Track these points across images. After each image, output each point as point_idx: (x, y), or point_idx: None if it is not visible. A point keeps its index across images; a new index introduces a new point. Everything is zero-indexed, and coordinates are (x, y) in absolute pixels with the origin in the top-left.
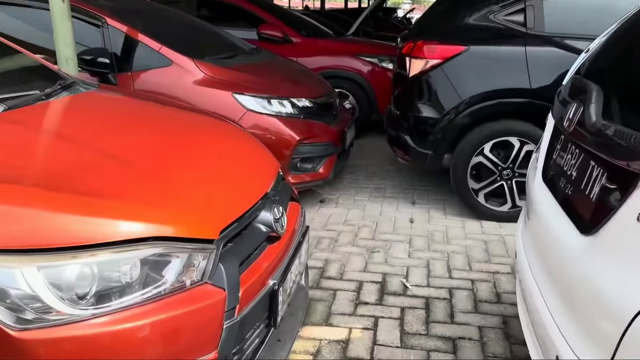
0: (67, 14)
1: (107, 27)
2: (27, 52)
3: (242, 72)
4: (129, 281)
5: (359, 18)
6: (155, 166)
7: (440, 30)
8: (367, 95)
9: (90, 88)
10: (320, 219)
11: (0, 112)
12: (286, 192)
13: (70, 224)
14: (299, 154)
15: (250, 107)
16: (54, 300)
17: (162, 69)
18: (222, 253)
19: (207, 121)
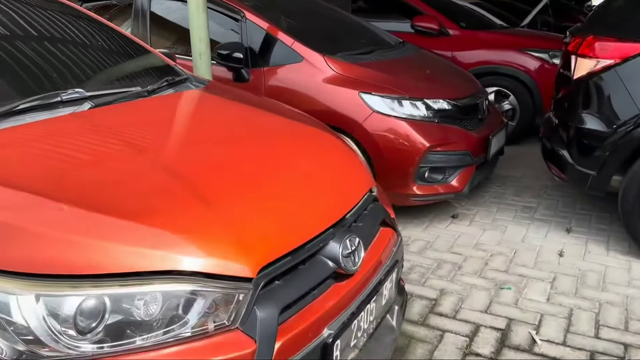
0: (203, 8)
1: (245, 22)
2: (147, 46)
3: (375, 70)
4: (144, 319)
5: (536, 7)
6: (210, 183)
7: (618, 24)
8: (531, 96)
9: (199, 85)
10: (447, 238)
11: (86, 109)
12: (375, 217)
13: (79, 248)
14: (428, 162)
15: (377, 108)
16: (48, 334)
17: (293, 65)
18: (261, 294)
19: (300, 130)
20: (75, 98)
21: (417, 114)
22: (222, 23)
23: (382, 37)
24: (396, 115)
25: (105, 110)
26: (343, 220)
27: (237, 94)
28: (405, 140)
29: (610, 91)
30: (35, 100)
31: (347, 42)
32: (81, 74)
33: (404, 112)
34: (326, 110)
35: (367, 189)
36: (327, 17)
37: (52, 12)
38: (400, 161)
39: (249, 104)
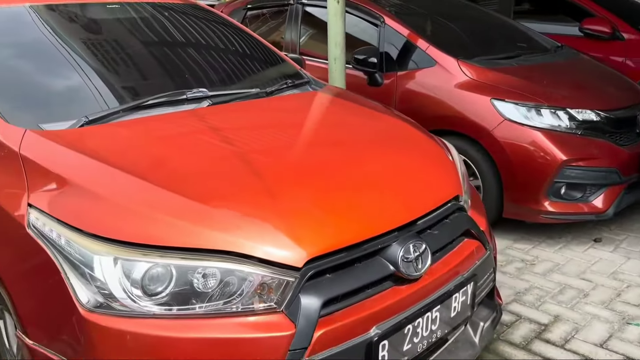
0: (341, 15)
1: (384, 27)
2: (276, 51)
3: (513, 75)
4: (203, 291)
5: None
6: (282, 178)
7: None
8: None
9: (316, 88)
10: (580, 263)
11: (204, 107)
12: (456, 227)
13: (156, 222)
14: (564, 177)
15: (509, 116)
16: (121, 291)
17: (426, 70)
18: (308, 284)
19: (395, 132)
20: (198, 97)
21: (557, 124)
22: (361, 28)
23: (536, 40)
24: (530, 125)
25: (219, 108)
26: (412, 225)
27: (347, 96)
28: (538, 151)
29: None
30: (162, 97)
31: (490, 45)
32: (209, 75)
33: (541, 122)
34: (455, 116)
35: (450, 196)
36: (474, 20)
37: (191, 18)
38: (531, 174)
39: (356, 106)
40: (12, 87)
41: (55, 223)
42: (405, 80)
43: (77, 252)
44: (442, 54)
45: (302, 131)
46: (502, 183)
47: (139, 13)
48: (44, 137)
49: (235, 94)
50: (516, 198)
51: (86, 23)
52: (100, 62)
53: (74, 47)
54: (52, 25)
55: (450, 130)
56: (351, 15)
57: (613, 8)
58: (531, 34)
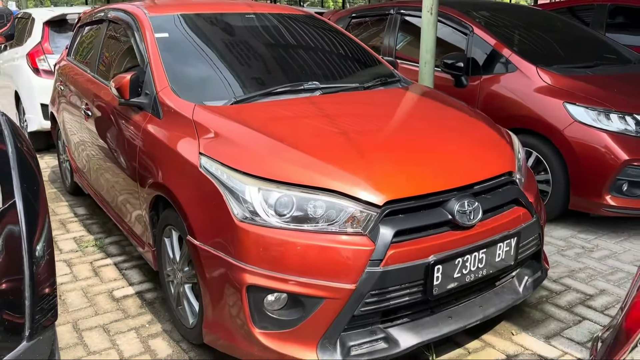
0: (433, 25)
1: (472, 35)
2: (374, 54)
3: (587, 82)
4: (313, 216)
5: None
6: (372, 145)
7: None
8: None
9: (405, 85)
10: (636, 253)
11: (317, 95)
12: (506, 195)
13: (290, 168)
14: (627, 175)
15: (579, 118)
16: (261, 210)
17: (507, 75)
18: (386, 219)
19: (468, 120)
20: (312, 87)
21: (624, 127)
22: (452, 36)
23: (618, 51)
24: (598, 127)
25: (328, 96)
26: (469, 187)
27: (430, 92)
28: (603, 150)
29: None
30: (286, 87)
31: (569, 55)
32: (320, 72)
33: (608, 125)
34: (530, 116)
35: (503, 170)
36: (557, 30)
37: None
38: (595, 170)
39: (435, 100)
40: (185, 76)
41: (219, 165)
42: (488, 83)
43: (234, 184)
44: (523, 61)
45: (390, 118)
46: (569, 178)
47: (268, 22)
48: (208, 110)
49: (340, 87)
50: (581, 192)
51: (231, 29)
52: (242, 59)
53: (224, 47)
54: (208, 30)
55: (525, 129)
56: (443, 24)
57: None
58: (615, 45)
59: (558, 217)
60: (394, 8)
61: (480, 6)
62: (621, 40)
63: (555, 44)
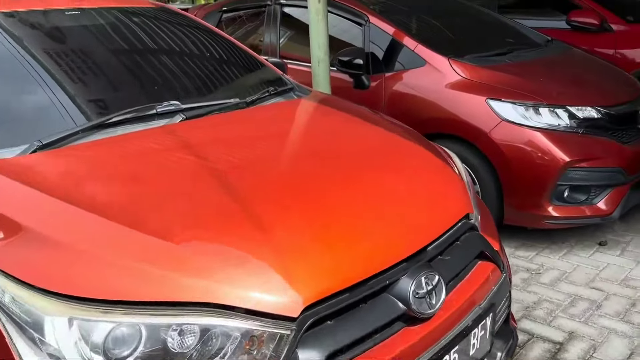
0: (323, 15)
1: (368, 26)
2: (256, 55)
3: (508, 73)
4: (179, 351)
5: None
6: (271, 204)
7: None
8: None
9: (301, 95)
10: (588, 270)
11: (177, 122)
12: (469, 249)
13: (114, 270)
14: (567, 180)
15: (507, 117)
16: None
17: (416, 70)
18: (307, 335)
19: (391, 144)
20: (169, 110)
21: (558, 123)
22: (344, 28)
23: (525, 35)
24: (530, 125)
25: (195, 123)
26: (422, 252)
27: (336, 104)
28: (540, 153)
29: None
30: (129, 113)
31: (480, 42)
32: (181, 86)
33: (541, 121)
34: (449, 118)
35: (460, 215)
36: (461, 15)
37: (161, 23)
38: (532, 177)
39: (347, 116)
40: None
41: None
42: (394, 81)
43: (24, 312)
44: (432, 53)
45: (289, 146)
46: (502, 188)
47: (102, 19)
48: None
49: (211, 106)
50: (517, 203)
51: (41, 31)
52: (57, 75)
53: (26, 58)
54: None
55: (444, 133)
56: (334, 15)
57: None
58: (520, 28)
59: None
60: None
61: None
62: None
63: (463, 30)
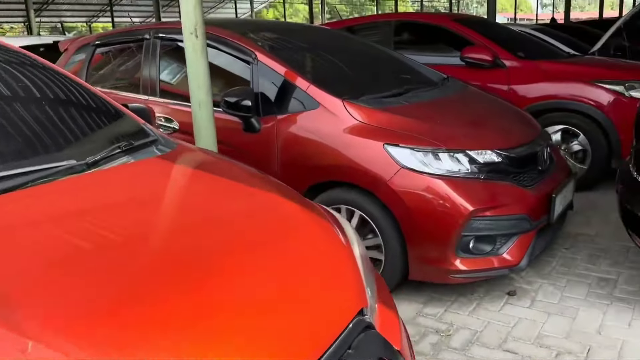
0: (202, 52)
1: (257, 64)
2: (108, 99)
3: (406, 115)
4: None
5: (608, 31)
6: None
7: None
8: (605, 135)
9: (165, 150)
10: (499, 328)
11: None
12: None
13: None
14: (472, 230)
15: (406, 164)
16: None
17: (309, 113)
18: None
19: (266, 216)
20: None
21: (458, 169)
22: (232, 65)
23: (422, 73)
24: (430, 172)
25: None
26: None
27: (205, 163)
28: (443, 202)
29: None
30: None
31: (377, 82)
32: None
33: (441, 168)
34: (346, 165)
35: (352, 313)
36: (357, 53)
37: None
38: (436, 229)
39: (211, 179)
40: None
41: None
42: (286, 124)
43: None
44: (325, 94)
45: (134, 229)
46: (405, 241)
47: None
48: None
49: (33, 173)
50: (422, 257)
51: None
52: None
53: None
54: None
55: (342, 181)
56: (218, 50)
57: (491, 35)
58: (416, 66)
59: (396, 288)
60: (150, 31)
61: (262, 26)
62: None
63: (359, 69)
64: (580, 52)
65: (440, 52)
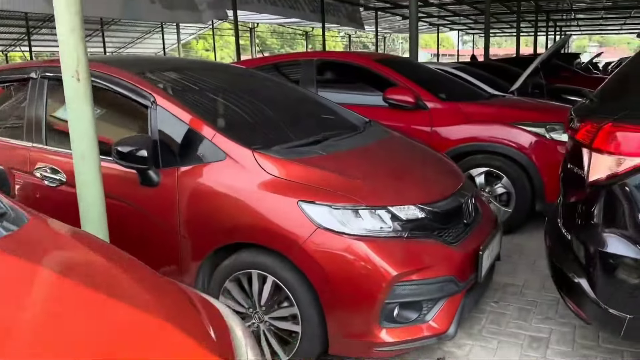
0: (85, 97)
1: (155, 109)
2: None
3: (323, 168)
4: None
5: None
6: None
7: None
8: (528, 177)
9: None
10: None
11: None
12: None
13: None
14: (396, 296)
15: (323, 223)
16: None
17: (215, 165)
18: None
19: (122, 321)
20: None
21: (380, 227)
22: (126, 111)
23: (343, 117)
24: (350, 233)
25: None
26: None
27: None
28: (364, 266)
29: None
30: None
31: (293, 128)
32: None
33: (361, 227)
34: (255, 226)
35: None
36: (271, 95)
37: None
38: (357, 297)
39: (57, 277)
40: None
41: None
42: (190, 178)
43: None
44: (233, 144)
45: None
46: (323, 311)
47: None
48: None
49: None
50: (342, 329)
51: None
52: None
53: None
54: None
55: (252, 243)
56: (111, 92)
57: (413, 76)
58: (336, 109)
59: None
60: (37, 70)
61: (164, 65)
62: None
63: (273, 114)
64: (500, 91)
65: (363, 92)
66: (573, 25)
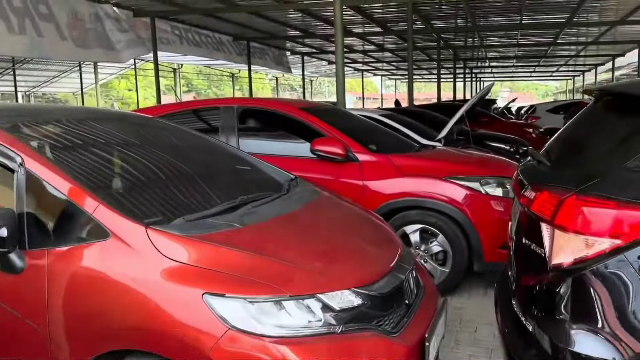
0: None
1: (23, 173)
2: None
3: (237, 246)
4: None
5: (452, 118)
6: None
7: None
8: (465, 235)
9: None
10: None
11: None
12: None
13: None
14: None
15: (235, 323)
16: None
17: (98, 245)
18: None
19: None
20: None
21: (308, 322)
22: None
23: (264, 175)
24: (269, 334)
25: None
26: None
27: None
28: None
29: (624, 293)
30: None
31: (201, 193)
32: None
33: (285, 324)
34: (145, 329)
35: None
36: (176, 150)
37: None
38: None
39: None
40: None
41: None
42: (64, 263)
43: None
44: (121, 218)
45: None
46: None
47: None
48: None
49: None
50: None
51: None
52: None
53: None
54: None
55: (141, 350)
56: None
57: (341, 126)
58: (258, 164)
59: None
60: None
61: (43, 116)
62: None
63: (177, 175)
64: (426, 137)
65: (289, 142)
66: (487, 72)
